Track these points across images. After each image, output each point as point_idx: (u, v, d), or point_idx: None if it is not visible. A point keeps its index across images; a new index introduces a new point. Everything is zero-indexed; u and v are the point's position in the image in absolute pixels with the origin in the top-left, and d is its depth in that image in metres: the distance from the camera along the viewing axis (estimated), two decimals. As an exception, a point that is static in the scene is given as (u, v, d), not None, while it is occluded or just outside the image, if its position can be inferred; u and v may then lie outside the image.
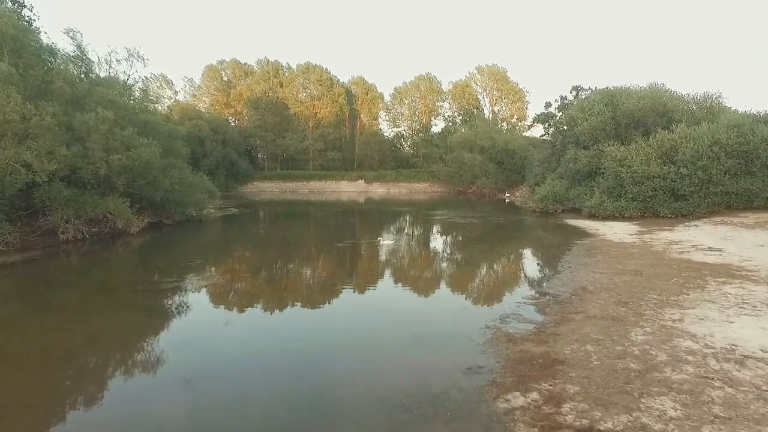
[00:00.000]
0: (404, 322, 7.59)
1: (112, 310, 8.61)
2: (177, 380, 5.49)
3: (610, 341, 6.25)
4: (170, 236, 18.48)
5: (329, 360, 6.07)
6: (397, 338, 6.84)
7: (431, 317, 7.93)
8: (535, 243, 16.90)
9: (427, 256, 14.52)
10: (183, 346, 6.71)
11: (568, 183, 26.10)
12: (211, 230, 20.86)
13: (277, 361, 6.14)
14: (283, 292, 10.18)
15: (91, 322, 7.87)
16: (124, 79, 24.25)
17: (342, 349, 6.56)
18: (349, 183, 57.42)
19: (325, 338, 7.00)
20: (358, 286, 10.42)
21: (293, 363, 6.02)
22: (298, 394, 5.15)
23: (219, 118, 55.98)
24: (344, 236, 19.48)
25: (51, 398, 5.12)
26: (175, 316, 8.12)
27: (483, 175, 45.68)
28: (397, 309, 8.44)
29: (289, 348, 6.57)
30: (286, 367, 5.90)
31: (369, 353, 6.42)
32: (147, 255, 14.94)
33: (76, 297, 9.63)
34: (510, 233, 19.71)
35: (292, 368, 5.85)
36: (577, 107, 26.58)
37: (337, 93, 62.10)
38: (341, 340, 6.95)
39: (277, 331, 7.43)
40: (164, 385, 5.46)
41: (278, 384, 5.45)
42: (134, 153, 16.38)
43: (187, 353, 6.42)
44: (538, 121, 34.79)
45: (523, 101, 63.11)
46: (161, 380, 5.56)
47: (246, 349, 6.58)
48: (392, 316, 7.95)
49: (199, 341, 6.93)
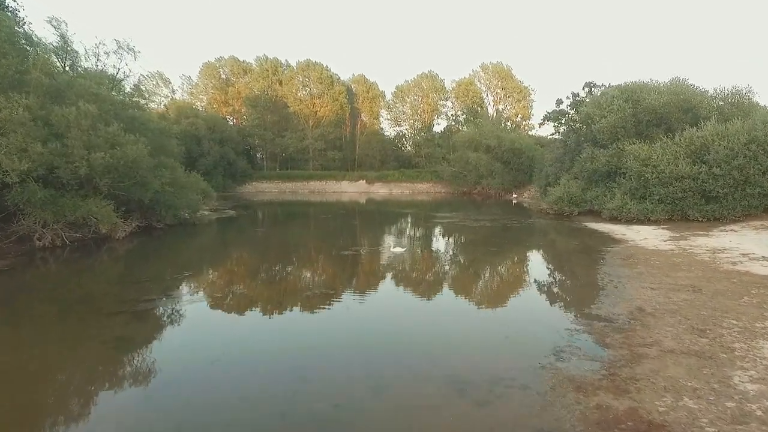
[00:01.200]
0: (435, 361, 6.05)
1: (73, 340, 7.09)
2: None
3: (712, 391, 4.80)
4: (160, 242, 17.00)
5: (351, 424, 4.61)
6: (431, 387, 5.26)
7: (468, 353, 6.38)
8: (561, 250, 15.34)
9: (444, 269, 12.89)
10: (155, 396, 5.23)
11: (584, 184, 24.66)
12: (204, 235, 19.38)
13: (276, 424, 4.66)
14: (281, 317, 8.69)
15: (36, 358, 6.28)
16: (113, 73, 22.72)
17: (365, 407, 4.89)
18: (351, 183, 55.95)
19: (343, 389, 5.26)
20: (374, 312, 8.75)
21: (298, 425, 4.55)
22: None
23: (216, 117, 54.45)
24: (348, 242, 18.02)
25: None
26: (149, 352, 6.54)
27: (489, 176, 44.25)
28: (423, 342, 6.85)
29: (290, 402, 5.08)
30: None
31: (400, 417, 4.81)
32: (132, 264, 13.45)
33: (30, 321, 8.05)
34: (529, 238, 18.25)
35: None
36: (593, 104, 25.12)
37: (338, 91, 60.58)
38: (362, 397, 5.06)
39: (277, 375, 5.88)
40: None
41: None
42: (119, 151, 14.90)
43: (159, 405, 4.95)
44: (549, 119, 33.40)
45: (528, 100, 61.76)
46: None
47: (237, 403, 5.09)
48: (419, 353, 6.37)
49: (176, 388, 5.43)
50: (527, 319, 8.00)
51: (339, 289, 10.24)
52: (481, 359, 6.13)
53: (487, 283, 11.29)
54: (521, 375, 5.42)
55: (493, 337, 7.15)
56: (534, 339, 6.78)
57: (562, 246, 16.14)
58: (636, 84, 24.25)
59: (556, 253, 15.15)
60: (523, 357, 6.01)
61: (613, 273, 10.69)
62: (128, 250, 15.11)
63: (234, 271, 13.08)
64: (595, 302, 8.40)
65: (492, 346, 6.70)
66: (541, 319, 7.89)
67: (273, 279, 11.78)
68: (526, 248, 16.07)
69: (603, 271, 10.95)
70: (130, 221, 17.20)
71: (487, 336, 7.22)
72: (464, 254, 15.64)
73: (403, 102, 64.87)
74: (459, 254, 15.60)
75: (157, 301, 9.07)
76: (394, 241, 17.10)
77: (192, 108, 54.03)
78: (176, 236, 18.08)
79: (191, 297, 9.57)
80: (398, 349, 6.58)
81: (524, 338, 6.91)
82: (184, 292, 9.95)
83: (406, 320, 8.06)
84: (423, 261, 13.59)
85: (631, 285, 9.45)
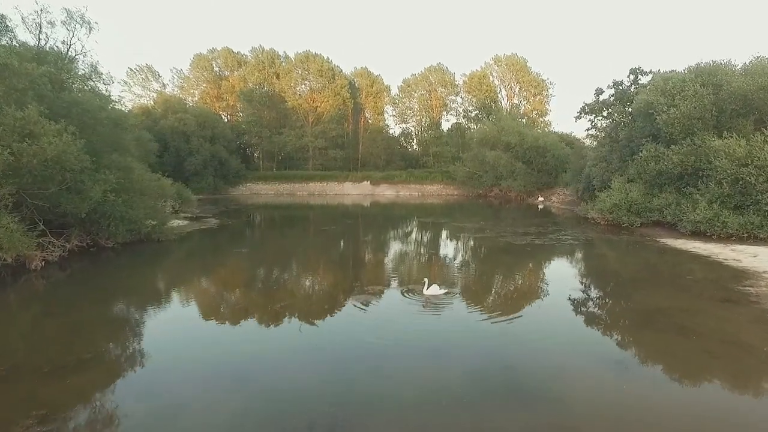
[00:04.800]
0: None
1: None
2: None
3: None
4: (102, 270, 12.44)
5: None
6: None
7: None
8: (678, 292, 9.88)
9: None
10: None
11: (645, 188, 20.09)
12: (166, 258, 14.74)
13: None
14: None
15: None
16: (62, 50, 18.11)
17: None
18: (354, 185, 51.31)
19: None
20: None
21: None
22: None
23: (207, 111, 49.77)
24: (361, 272, 13.36)
25: None
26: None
27: (509, 176, 39.60)
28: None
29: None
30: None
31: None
32: (40, 318, 8.80)
33: None
34: (617, 270, 13.49)
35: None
36: (654, 90, 20.47)
37: (340, 85, 55.81)
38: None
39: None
40: None
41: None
42: (33, 146, 10.32)
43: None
44: (587, 112, 28.86)
45: (545, 94, 57.11)
46: None
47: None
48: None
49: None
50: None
51: (366, 390, 5.58)
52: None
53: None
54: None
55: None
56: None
57: (669, 282, 11.29)
58: (713, 65, 19.62)
59: (671, 298, 10.32)
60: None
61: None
62: (54, 283, 10.66)
63: (191, 334, 8.33)
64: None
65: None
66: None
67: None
68: (628, 288, 11.25)
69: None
70: (63, 241, 12.63)
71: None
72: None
73: (410, 97, 60.33)
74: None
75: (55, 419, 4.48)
76: (424, 272, 12.42)
77: (180, 102, 49.42)
78: (127, 260, 13.50)
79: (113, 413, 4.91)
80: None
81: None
82: (104, 392, 5.29)
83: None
84: (487, 322, 8.66)
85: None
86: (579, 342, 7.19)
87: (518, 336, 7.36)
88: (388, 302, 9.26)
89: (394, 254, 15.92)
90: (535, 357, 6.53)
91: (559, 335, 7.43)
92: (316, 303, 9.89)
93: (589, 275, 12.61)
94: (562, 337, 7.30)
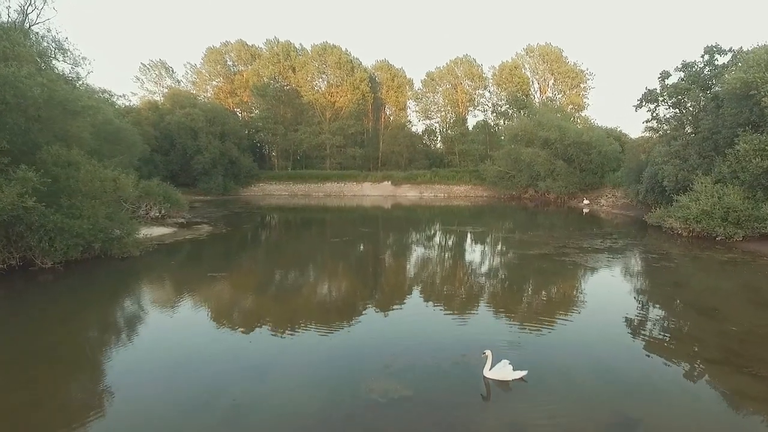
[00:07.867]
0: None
1: None
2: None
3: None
4: (25, 304, 8.90)
5: None
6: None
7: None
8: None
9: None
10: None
11: (746, 191, 15.62)
12: (122, 289, 10.98)
13: None
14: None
15: None
16: (17, 20, 14.87)
17: None
18: (373, 185, 47.44)
19: None
20: None
21: None
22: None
23: (217, 106, 46.64)
24: (393, 325, 9.40)
25: None
26: None
27: (547, 176, 35.08)
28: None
29: None
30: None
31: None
32: None
33: None
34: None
35: None
36: (756, 65, 15.91)
37: (359, 78, 52.02)
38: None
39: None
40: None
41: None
42: None
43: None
44: (649, 100, 24.23)
45: (582, 87, 51.98)
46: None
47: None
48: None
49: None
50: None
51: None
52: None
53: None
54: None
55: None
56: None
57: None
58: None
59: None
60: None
61: None
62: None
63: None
64: None
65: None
66: None
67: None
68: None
69: None
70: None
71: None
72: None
73: (434, 91, 56.09)
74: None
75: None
76: (492, 348, 8.45)
77: (189, 96, 46.50)
78: (68, 288, 9.95)
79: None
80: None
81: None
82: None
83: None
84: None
85: None
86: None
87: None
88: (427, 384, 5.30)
89: (432, 286, 11.95)
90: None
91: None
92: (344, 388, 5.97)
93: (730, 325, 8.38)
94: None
